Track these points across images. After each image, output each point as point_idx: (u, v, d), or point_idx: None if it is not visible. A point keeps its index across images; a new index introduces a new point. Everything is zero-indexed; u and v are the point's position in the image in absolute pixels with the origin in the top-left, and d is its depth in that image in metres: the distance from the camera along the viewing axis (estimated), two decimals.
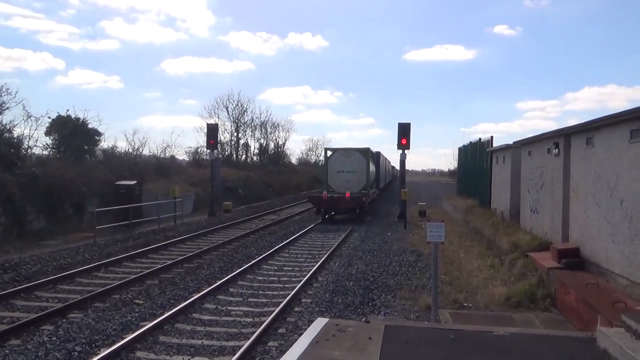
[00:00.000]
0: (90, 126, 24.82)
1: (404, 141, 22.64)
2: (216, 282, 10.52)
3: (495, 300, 8.88)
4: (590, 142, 9.05)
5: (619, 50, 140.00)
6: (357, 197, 22.87)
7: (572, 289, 7.73)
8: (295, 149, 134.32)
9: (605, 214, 8.27)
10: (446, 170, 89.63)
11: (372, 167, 25.51)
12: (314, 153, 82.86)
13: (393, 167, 59.95)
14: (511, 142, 15.35)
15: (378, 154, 31.67)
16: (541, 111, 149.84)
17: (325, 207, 23.08)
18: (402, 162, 23.74)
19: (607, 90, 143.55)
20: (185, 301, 8.97)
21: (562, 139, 10.50)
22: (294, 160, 68.38)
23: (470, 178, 23.85)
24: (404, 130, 22.69)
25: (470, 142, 24.32)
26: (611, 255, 8.01)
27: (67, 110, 24.07)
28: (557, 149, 10.69)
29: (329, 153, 24.30)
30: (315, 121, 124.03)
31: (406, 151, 23.01)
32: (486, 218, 16.51)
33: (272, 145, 56.69)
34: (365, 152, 24.12)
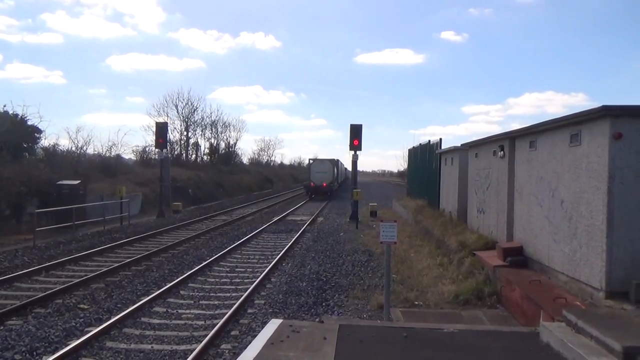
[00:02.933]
0: (29, 123, 23.67)
1: (355, 142, 22.87)
2: (166, 285, 10.25)
3: (445, 298, 9.12)
4: (534, 145, 9.45)
5: (556, 59, 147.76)
6: (329, 186, 41.11)
7: (517, 286, 8.05)
8: (247, 149, 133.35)
9: (547, 214, 8.65)
10: (396, 171, 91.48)
11: (335, 170, 43.48)
12: (265, 153, 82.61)
13: (346, 169, 65.29)
14: (459, 145, 15.76)
15: (338, 160, 47.40)
16: (485, 115, 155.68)
17: (312, 190, 40.85)
18: (354, 163, 24.03)
19: (546, 96, 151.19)
20: (133, 305, 8.69)
21: (507, 142, 10.91)
22: (245, 160, 67.90)
23: (420, 179, 24.36)
24: (355, 132, 22.92)
25: (420, 143, 24.87)
26: (552, 253, 8.38)
27: (4, 106, 22.87)
28: (502, 152, 11.10)
29: (311, 161, 43.04)
30: (267, 121, 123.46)
31: (358, 152, 23.29)
32: (435, 218, 16.91)
33: (222, 145, 56.01)
34: (332, 161, 42.94)
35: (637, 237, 6.57)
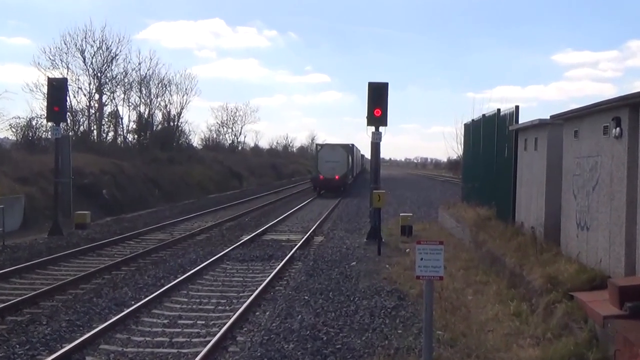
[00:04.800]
0: None
1: (377, 112, 22.76)
2: (62, 348, 10.21)
3: None
4: None
5: None
6: (342, 180, 50.90)
7: None
8: (199, 124, 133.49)
9: None
10: (444, 160, 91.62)
11: (350, 159, 53.67)
12: (230, 130, 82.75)
13: (362, 156, 71.88)
14: (547, 117, 15.70)
15: (353, 146, 58.73)
16: (591, 68, 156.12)
17: (321, 185, 51.17)
18: (376, 146, 23.86)
19: None
20: None
21: (626, 112, 10.85)
22: (196, 141, 68.10)
23: (484, 173, 24.33)
24: (378, 95, 22.82)
25: (484, 115, 24.79)
26: None
27: None
28: (618, 128, 11.05)
29: (319, 147, 54.32)
30: (233, 77, 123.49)
31: (382, 129, 23.26)
32: (508, 238, 16.87)
33: (159, 116, 56.18)
34: (346, 147, 53.46)
35: None
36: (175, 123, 58.13)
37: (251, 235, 24.86)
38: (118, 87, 50.42)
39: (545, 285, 11.88)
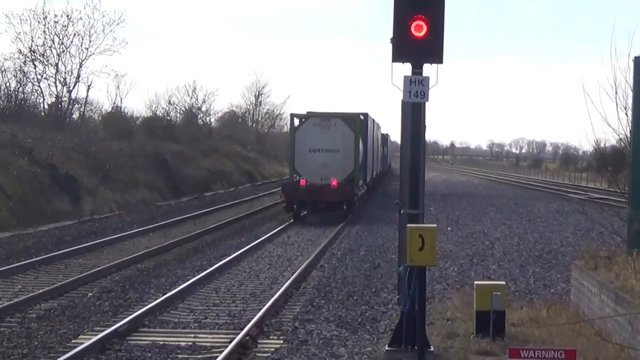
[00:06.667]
0: None
1: (419, 27, 19.45)
2: None
3: None
4: None
5: None
6: (344, 189, 51.66)
7: None
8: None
9: None
10: (586, 148, 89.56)
11: (360, 144, 54.34)
12: (53, 71, 79.67)
13: (387, 139, 75.69)
14: None
15: (366, 116, 60.86)
16: None
17: (301, 199, 51.54)
18: (415, 112, 20.15)
19: None
20: None
21: None
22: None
23: None
24: None
25: None
26: None
27: None
28: None
29: (298, 122, 53.22)
30: None
31: (430, 69, 20.04)
32: None
33: None
34: (352, 121, 53.78)
35: None
36: None
37: (101, 336, 21.43)
38: None
39: None
